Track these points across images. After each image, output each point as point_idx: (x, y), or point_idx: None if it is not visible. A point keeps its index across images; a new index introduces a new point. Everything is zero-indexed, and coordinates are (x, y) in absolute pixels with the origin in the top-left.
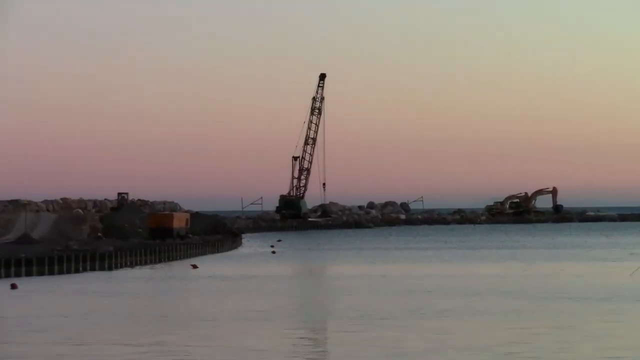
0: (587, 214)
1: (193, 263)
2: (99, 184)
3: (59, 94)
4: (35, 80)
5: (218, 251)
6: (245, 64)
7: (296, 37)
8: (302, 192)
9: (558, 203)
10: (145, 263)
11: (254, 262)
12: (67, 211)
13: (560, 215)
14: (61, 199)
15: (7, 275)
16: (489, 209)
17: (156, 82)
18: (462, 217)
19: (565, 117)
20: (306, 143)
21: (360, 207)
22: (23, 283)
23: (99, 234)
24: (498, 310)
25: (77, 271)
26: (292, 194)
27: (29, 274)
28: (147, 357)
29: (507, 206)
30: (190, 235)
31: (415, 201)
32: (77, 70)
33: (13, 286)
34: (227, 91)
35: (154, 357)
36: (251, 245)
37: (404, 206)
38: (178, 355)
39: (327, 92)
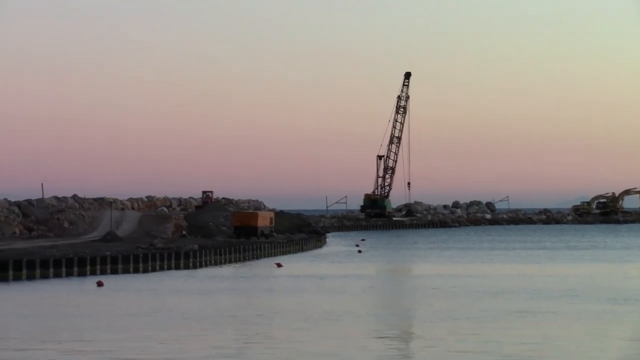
0: None
1: (277, 262)
2: (183, 182)
3: (146, 95)
4: (124, 83)
5: (302, 250)
6: (332, 63)
7: (382, 36)
8: (386, 191)
9: None
10: (230, 262)
11: (339, 261)
12: (152, 209)
13: None
14: (146, 197)
15: (93, 273)
16: (576, 209)
17: (243, 83)
18: (548, 217)
19: None
20: (391, 142)
21: (445, 207)
22: (108, 281)
23: (184, 232)
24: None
25: (161, 269)
26: (376, 193)
27: (114, 271)
28: (226, 357)
29: (594, 206)
30: (275, 234)
31: (500, 201)
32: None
33: (99, 284)
34: (312, 90)
35: (232, 357)
36: (335, 244)
37: (490, 206)
38: (259, 354)
39: (413, 90)
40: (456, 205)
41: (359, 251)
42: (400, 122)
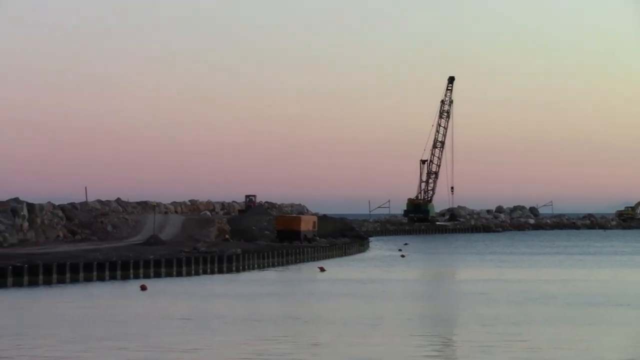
0: None
1: (320, 266)
2: (227, 186)
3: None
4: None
5: (345, 254)
6: (375, 68)
7: (426, 40)
8: (430, 195)
9: None
10: (273, 265)
11: (382, 265)
12: (195, 213)
13: None
14: (189, 200)
15: (136, 277)
16: (620, 214)
17: (284, 84)
18: (592, 222)
19: None
20: (434, 146)
21: (488, 211)
22: (151, 284)
23: (227, 236)
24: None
25: (204, 273)
26: (420, 197)
27: (157, 275)
28: None
29: (639, 211)
30: (318, 238)
31: (544, 205)
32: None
33: (143, 287)
34: (356, 95)
35: None
36: (378, 248)
37: (533, 210)
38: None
39: (456, 95)
40: (499, 210)
41: (402, 256)
42: (444, 127)
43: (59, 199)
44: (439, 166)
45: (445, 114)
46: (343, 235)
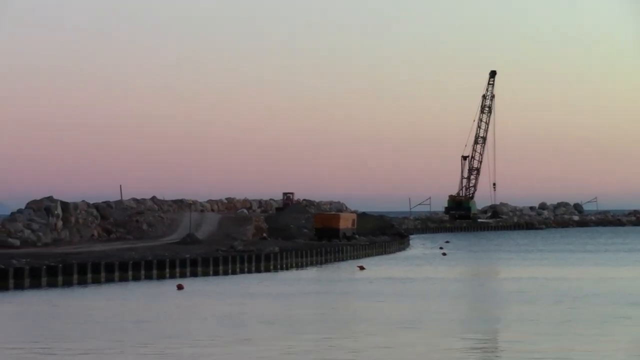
0: None
1: (360, 264)
2: (264, 184)
3: (226, 95)
4: (204, 82)
5: (385, 252)
6: (416, 62)
7: (466, 33)
8: (471, 192)
9: None
10: (311, 264)
11: (423, 263)
12: (231, 211)
13: None
14: (226, 198)
15: (172, 276)
16: None
17: (325, 83)
18: (638, 219)
19: None
20: (476, 142)
21: (531, 208)
22: (188, 284)
23: (264, 235)
24: None
25: (242, 272)
26: (461, 194)
27: (193, 274)
28: None
29: None
30: (357, 236)
31: (589, 202)
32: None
33: (179, 287)
34: (395, 90)
35: None
36: (419, 246)
37: (577, 207)
38: None
39: (498, 89)
40: (543, 206)
41: (443, 254)
42: (486, 122)
43: (93, 197)
44: (480, 162)
45: (487, 109)
46: (383, 233)
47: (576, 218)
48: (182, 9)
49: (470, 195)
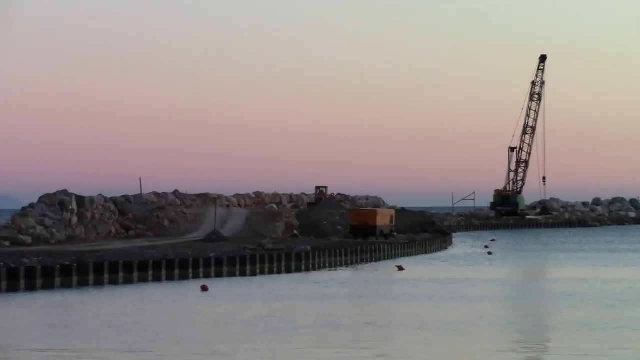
0: None
1: (399, 264)
2: (295, 177)
3: (256, 84)
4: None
5: (426, 252)
6: (460, 49)
7: (514, 14)
8: (519, 186)
9: None
10: (346, 264)
11: (467, 264)
12: (260, 206)
13: None
14: (254, 192)
15: (196, 276)
16: None
17: (359, 64)
18: None
19: None
20: (524, 132)
21: (584, 204)
22: (213, 284)
23: (295, 232)
24: None
25: (270, 272)
26: (508, 188)
27: (218, 274)
28: None
29: None
30: (395, 234)
31: None
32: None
33: (204, 288)
34: (437, 77)
35: None
36: (462, 245)
37: (634, 203)
38: None
39: (548, 75)
40: (597, 202)
41: (489, 253)
42: (535, 111)
43: (111, 191)
44: (529, 154)
45: (536, 97)
46: (423, 230)
47: (633, 215)
48: None
49: (518, 189)
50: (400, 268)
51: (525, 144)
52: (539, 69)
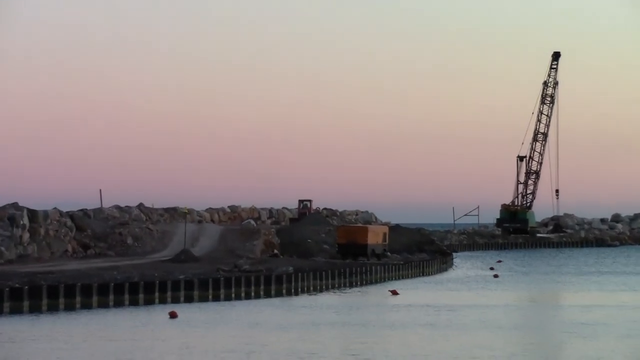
0: None
1: (392, 288)
2: (275, 189)
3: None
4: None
5: (423, 274)
6: (459, 45)
7: (524, 8)
8: (529, 200)
9: None
10: (333, 288)
11: (470, 288)
12: (236, 222)
13: None
14: (229, 206)
15: (163, 301)
16: None
17: (353, 71)
18: None
19: None
20: (535, 139)
21: (602, 221)
22: (182, 310)
23: (275, 251)
24: None
25: (248, 297)
26: (516, 203)
27: (189, 299)
28: None
29: None
30: (389, 254)
31: None
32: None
33: (172, 314)
34: (436, 76)
35: None
36: (465, 266)
37: None
38: None
39: (562, 75)
40: (616, 218)
41: (495, 276)
42: (547, 115)
43: (67, 204)
44: (540, 164)
45: (549, 99)
46: (420, 250)
47: None
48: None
49: (528, 204)
50: (394, 292)
51: (536, 153)
52: (551, 68)
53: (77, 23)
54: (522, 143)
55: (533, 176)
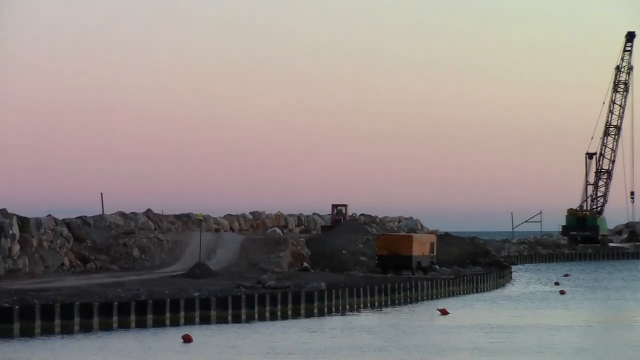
0: None
1: (441, 307)
2: (305, 193)
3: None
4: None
5: (477, 290)
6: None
7: None
8: (600, 204)
9: None
10: (371, 306)
11: (531, 307)
12: (259, 230)
13: None
14: (250, 212)
15: (175, 323)
16: None
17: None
18: None
19: None
20: (606, 133)
21: None
22: (198, 333)
23: (305, 264)
24: None
25: (273, 317)
26: (585, 207)
27: (205, 320)
28: None
29: None
30: (437, 267)
31: None
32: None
33: (186, 338)
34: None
35: None
36: (526, 281)
37: None
38: None
39: (638, 59)
40: None
41: (561, 292)
42: (620, 105)
43: (63, 210)
44: (613, 162)
45: (622, 86)
46: (474, 262)
47: None
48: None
49: (599, 209)
50: (444, 312)
51: (607, 149)
52: (625, 51)
53: (77, 25)
54: (592, 138)
55: (604, 176)
